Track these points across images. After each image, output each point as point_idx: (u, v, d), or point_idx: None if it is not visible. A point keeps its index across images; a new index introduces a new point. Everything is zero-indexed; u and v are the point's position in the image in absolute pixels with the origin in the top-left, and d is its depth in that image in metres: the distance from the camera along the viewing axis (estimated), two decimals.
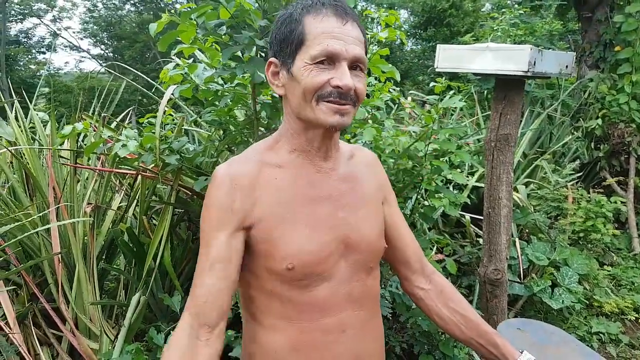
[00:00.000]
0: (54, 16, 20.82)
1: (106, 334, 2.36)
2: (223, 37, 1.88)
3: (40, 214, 2.52)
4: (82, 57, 22.10)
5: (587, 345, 2.96)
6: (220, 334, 0.99)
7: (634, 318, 3.42)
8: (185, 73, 2.12)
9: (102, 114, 2.93)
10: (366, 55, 1.04)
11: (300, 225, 1.02)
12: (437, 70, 2.55)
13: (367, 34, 2.22)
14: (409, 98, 5.39)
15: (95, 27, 20.94)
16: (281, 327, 1.04)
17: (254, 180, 1.02)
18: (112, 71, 4.12)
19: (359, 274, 1.09)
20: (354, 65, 0.99)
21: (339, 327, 1.06)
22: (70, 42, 21.45)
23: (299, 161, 1.06)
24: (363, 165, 1.17)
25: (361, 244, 1.08)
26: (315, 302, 1.04)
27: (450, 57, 2.54)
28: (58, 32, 20.79)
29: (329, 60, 0.96)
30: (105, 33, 20.95)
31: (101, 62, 20.39)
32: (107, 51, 21.59)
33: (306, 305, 1.03)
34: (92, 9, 21.16)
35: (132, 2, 21.14)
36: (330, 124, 0.97)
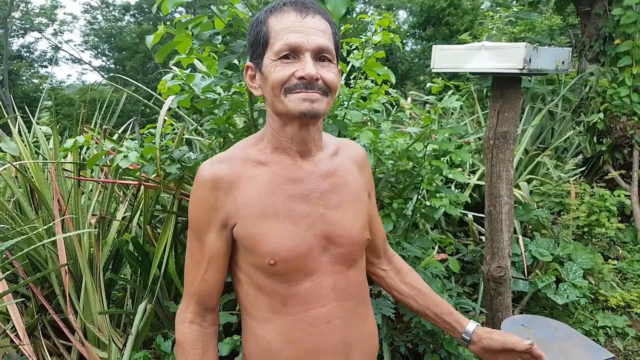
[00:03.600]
0: (54, 30, 21.00)
1: (114, 343, 2.38)
2: (219, 46, 1.91)
3: (46, 227, 2.56)
4: (84, 69, 22.33)
5: (593, 340, 2.97)
6: (217, 312, 1.19)
7: None
8: (184, 83, 2.15)
9: (104, 126, 2.96)
10: (338, 48, 1.07)
11: (280, 222, 1.06)
12: (433, 70, 2.57)
13: (362, 37, 2.25)
14: (409, 99, 5.41)
15: (96, 39, 21.11)
16: (271, 319, 1.10)
17: (235, 178, 1.06)
18: (114, 84, 4.16)
19: (342, 266, 1.13)
20: (321, 56, 1.02)
21: (325, 319, 1.10)
22: (72, 55, 21.61)
23: (280, 159, 1.09)
24: (348, 160, 1.19)
25: (342, 238, 1.12)
26: (299, 295, 1.08)
27: (446, 57, 2.56)
28: (59, 45, 20.95)
29: (293, 53, 1.00)
30: (106, 45, 21.12)
31: (103, 73, 20.54)
32: (108, 62, 21.74)
33: (291, 298, 1.08)
34: (92, 21, 21.33)
35: (131, 13, 21.28)
36: (300, 111, 1.00)
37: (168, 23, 1.91)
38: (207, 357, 1.13)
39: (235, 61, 1.92)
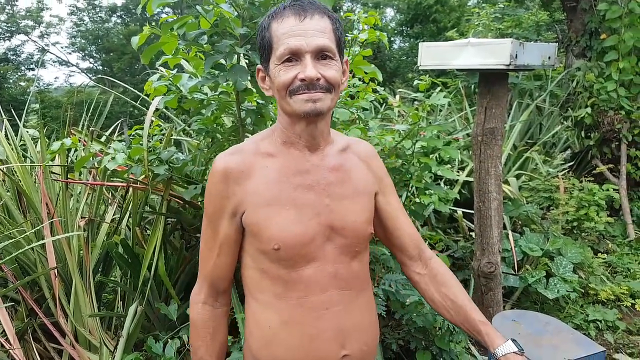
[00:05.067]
0: (41, 32, 20.77)
1: (106, 345, 2.37)
2: (204, 46, 1.90)
3: (35, 230, 2.54)
4: (72, 71, 22.09)
5: (584, 333, 2.99)
6: (229, 294, 1.27)
7: (630, 304, 3.44)
8: (170, 83, 2.14)
9: (91, 128, 2.94)
10: (341, 43, 1.11)
11: (286, 210, 1.11)
12: (420, 68, 2.58)
13: (349, 36, 2.25)
14: (398, 96, 5.42)
15: (83, 40, 20.92)
16: (272, 303, 1.15)
17: (246, 169, 1.13)
18: (102, 85, 4.14)
19: (344, 256, 1.17)
20: (322, 54, 1.06)
21: (323, 305, 1.14)
22: (59, 57, 21.41)
23: (289, 151, 1.15)
24: (356, 158, 1.23)
25: (346, 230, 1.16)
26: (301, 280, 1.13)
27: (433, 55, 2.57)
28: (46, 47, 20.77)
29: (294, 56, 1.05)
30: (94, 46, 20.93)
31: (90, 75, 20.38)
32: (96, 64, 21.57)
33: (293, 283, 1.13)
34: (78, 23, 21.14)
35: (118, 14, 21.14)
36: (304, 111, 1.06)
37: (154, 24, 1.90)
38: (217, 335, 1.23)
39: (222, 61, 1.91)
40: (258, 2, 1.85)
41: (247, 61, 2.11)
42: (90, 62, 21.70)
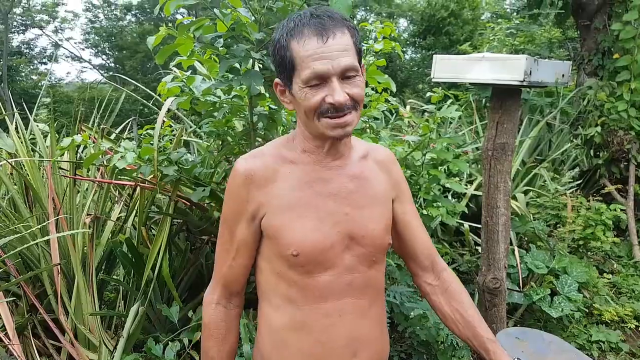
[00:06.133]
0: (55, 27, 20.95)
1: (105, 345, 2.36)
2: (220, 49, 1.90)
3: (40, 226, 2.54)
4: (84, 67, 22.21)
5: (587, 354, 2.95)
6: (243, 296, 1.26)
7: (634, 326, 3.40)
8: (183, 85, 2.14)
9: (102, 126, 2.94)
10: (361, 52, 1.10)
11: (306, 217, 1.12)
12: (433, 80, 2.56)
13: (364, 46, 2.25)
14: (408, 107, 5.42)
15: (96, 37, 21.08)
16: (286, 307, 1.16)
17: (267, 174, 1.13)
18: (113, 83, 4.15)
19: (362, 265, 1.17)
20: (347, 75, 1.04)
21: (337, 312, 1.15)
22: (72, 53, 21.57)
23: (310, 159, 1.15)
24: (376, 165, 1.24)
25: (365, 239, 1.16)
26: (317, 287, 1.13)
27: (446, 67, 2.56)
28: (60, 42, 20.92)
29: (320, 79, 1.03)
30: (107, 43, 21.08)
31: (102, 72, 20.50)
32: (108, 61, 21.71)
33: (309, 289, 1.14)
34: (93, 19, 21.30)
35: (133, 12, 21.28)
36: (333, 136, 1.07)
37: (170, 25, 1.90)
38: (229, 336, 1.23)
39: (237, 65, 1.91)
40: (275, 8, 1.85)
41: (260, 66, 2.11)
42: (103, 59, 21.85)
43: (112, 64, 21.24)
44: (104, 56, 21.85)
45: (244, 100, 2.19)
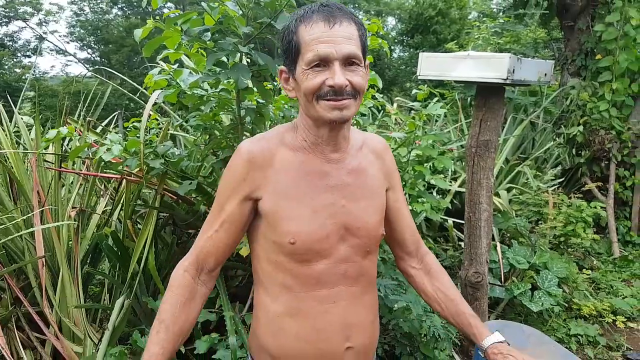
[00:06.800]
0: (40, 19, 20.61)
1: (90, 338, 2.36)
2: (207, 43, 1.91)
3: (24, 218, 2.52)
4: (69, 61, 21.87)
5: (566, 347, 3.02)
6: (215, 276, 1.25)
7: (612, 320, 3.49)
8: (170, 78, 2.14)
9: (87, 119, 2.93)
10: (365, 48, 1.13)
11: (304, 208, 1.15)
12: (419, 77, 2.60)
13: None
14: (395, 104, 5.46)
15: (82, 31, 20.77)
16: (282, 294, 1.19)
17: (268, 159, 1.16)
18: (99, 76, 4.12)
19: (356, 256, 1.21)
20: (349, 61, 1.07)
21: (331, 299, 1.19)
22: (57, 46, 21.26)
23: (311, 150, 1.18)
24: (372, 155, 1.27)
25: (360, 231, 1.20)
26: (312, 275, 1.17)
27: (432, 65, 2.59)
28: (44, 35, 20.61)
29: (323, 62, 1.06)
30: (92, 37, 20.79)
31: (88, 66, 20.24)
32: (94, 55, 21.43)
33: (304, 277, 1.17)
34: (78, 12, 21.01)
35: (119, 6, 21.05)
36: (330, 119, 1.09)
37: (157, 18, 1.90)
38: (192, 304, 1.20)
39: (224, 58, 1.92)
40: (263, 2, 1.86)
41: (248, 60, 2.12)
42: (88, 53, 21.56)
43: (98, 58, 20.97)
44: (89, 50, 21.55)
45: (231, 94, 2.20)
